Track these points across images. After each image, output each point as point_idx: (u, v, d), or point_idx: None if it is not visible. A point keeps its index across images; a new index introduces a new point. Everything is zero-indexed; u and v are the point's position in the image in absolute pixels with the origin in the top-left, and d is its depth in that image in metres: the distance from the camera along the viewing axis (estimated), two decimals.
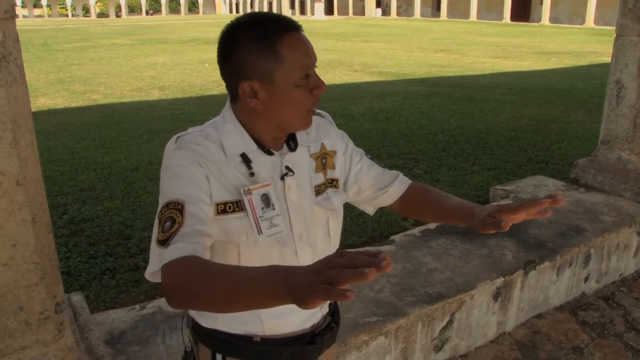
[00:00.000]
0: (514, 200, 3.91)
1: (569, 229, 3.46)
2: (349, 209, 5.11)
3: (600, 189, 4.11)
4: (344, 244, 4.03)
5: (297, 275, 0.86)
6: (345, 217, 4.88)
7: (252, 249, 1.26)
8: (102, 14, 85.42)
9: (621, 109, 4.01)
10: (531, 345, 3.00)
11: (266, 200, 1.25)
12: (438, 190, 1.52)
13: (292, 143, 1.33)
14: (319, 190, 1.38)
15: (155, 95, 11.38)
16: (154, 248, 1.15)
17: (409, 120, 8.65)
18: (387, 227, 4.43)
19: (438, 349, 2.74)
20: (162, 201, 1.20)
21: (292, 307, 1.26)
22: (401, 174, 1.55)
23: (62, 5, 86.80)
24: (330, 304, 1.49)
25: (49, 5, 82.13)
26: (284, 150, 1.32)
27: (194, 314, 1.37)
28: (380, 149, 6.85)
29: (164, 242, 1.12)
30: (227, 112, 1.29)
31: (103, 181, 5.58)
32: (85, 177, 5.72)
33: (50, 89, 12.12)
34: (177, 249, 1.09)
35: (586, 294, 3.50)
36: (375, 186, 1.50)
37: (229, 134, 1.26)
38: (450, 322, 2.72)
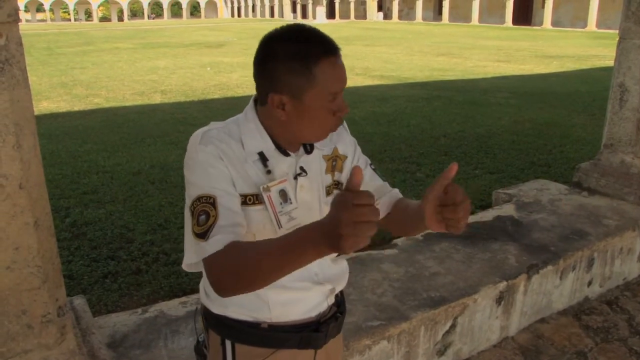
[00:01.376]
0: (517, 204, 3.91)
1: (572, 232, 3.45)
2: None
3: (603, 192, 4.09)
4: None
5: (327, 232, 0.96)
6: None
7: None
8: (105, 18, 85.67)
9: (624, 113, 4.00)
10: (534, 350, 2.98)
11: (284, 195, 1.31)
12: (405, 199, 1.56)
13: (308, 146, 1.38)
14: (328, 191, 1.43)
15: (157, 99, 11.39)
16: (191, 240, 1.22)
17: (410, 124, 8.64)
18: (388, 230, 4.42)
19: (441, 353, 2.73)
20: (192, 193, 1.24)
21: (298, 297, 1.38)
22: (397, 190, 1.56)
23: (64, 10, 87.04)
24: (336, 296, 1.51)
25: (51, 10, 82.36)
26: (300, 152, 1.36)
27: (205, 301, 1.42)
28: (382, 152, 6.84)
29: (203, 235, 1.19)
30: (250, 112, 1.33)
31: (105, 185, 5.58)
32: (87, 180, 5.72)
33: (52, 93, 12.14)
34: (219, 241, 1.17)
35: (590, 298, 3.49)
36: (383, 194, 1.53)
37: (249, 132, 1.30)
38: (453, 326, 2.71)
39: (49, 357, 1.70)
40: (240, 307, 1.36)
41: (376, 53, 22.18)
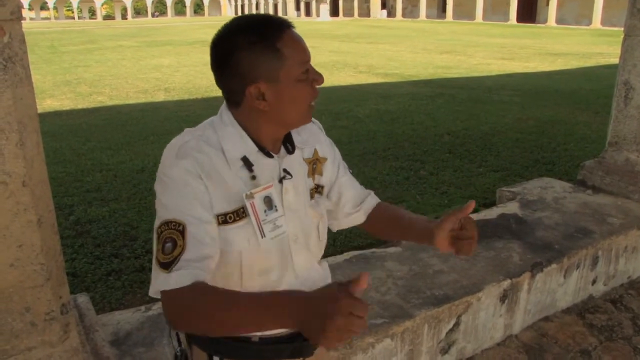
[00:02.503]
0: (521, 202, 3.89)
1: (577, 231, 3.43)
2: None
3: (607, 190, 4.08)
4: (350, 246, 4.02)
5: (307, 314, 0.95)
6: None
7: (254, 255, 1.27)
8: (108, 16, 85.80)
9: (629, 110, 3.98)
10: (538, 348, 2.98)
11: (269, 202, 1.26)
12: (401, 208, 1.60)
13: (289, 145, 1.34)
14: (311, 194, 1.40)
15: (160, 96, 11.40)
16: (155, 268, 1.16)
17: (414, 121, 8.63)
18: None
19: (444, 351, 2.72)
20: (161, 215, 1.19)
21: None
22: (372, 192, 1.60)
23: (68, 8, 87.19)
24: None
25: (55, 8, 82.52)
26: (282, 153, 1.33)
27: None
28: (386, 150, 6.83)
29: (166, 266, 1.14)
30: (226, 114, 1.28)
31: (109, 183, 5.59)
32: (91, 178, 5.73)
33: (56, 91, 12.16)
34: (182, 277, 1.12)
35: (594, 296, 3.47)
36: (353, 201, 1.53)
37: (229, 136, 1.25)
38: (456, 324, 2.70)
39: (52, 354, 1.70)
40: None
41: (380, 51, 22.15)
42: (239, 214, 1.23)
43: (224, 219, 1.22)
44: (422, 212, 4.75)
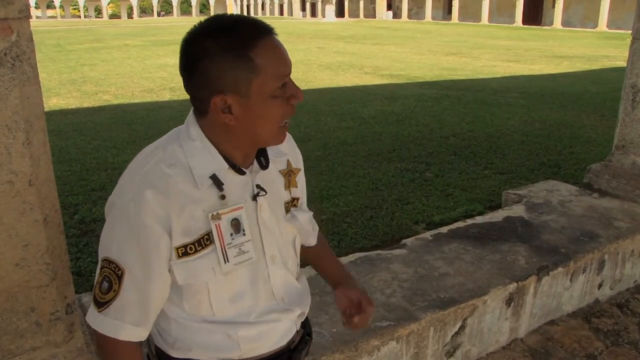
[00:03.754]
0: (527, 205, 3.88)
1: (583, 234, 3.42)
2: (359, 212, 5.06)
3: (614, 194, 4.05)
4: (355, 247, 4.01)
5: None
6: (356, 221, 4.84)
7: (221, 284, 1.20)
8: (114, 15, 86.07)
9: (637, 114, 3.96)
10: (544, 352, 2.96)
11: (236, 225, 1.18)
12: (327, 251, 1.63)
13: (263, 160, 1.24)
14: (287, 208, 1.33)
15: (166, 96, 11.41)
16: (92, 299, 1.19)
17: (420, 123, 8.61)
18: (398, 231, 4.41)
19: (450, 354, 2.71)
20: (105, 244, 1.16)
21: (268, 329, 1.30)
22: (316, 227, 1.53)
23: (74, 7, 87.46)
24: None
25: (61, 6, 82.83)
26: (254, 167, 1.23)
27: (162, 344, 1.30)
28: (391, 152, 6.82)
29: (99, 305, 1.16)
30: (193, 127, 1.18)
31: (114, 182, 5.47)
32: (96, 177, 5.74)
33: (62, 89, 12.19)
34: (114, 328, 1.16)
35: (600, 300, 3.45)
36: (310, 220, 1.45)
37: (196, 152, 1.15)
38: (462, 327, 2.69)
39: (57, 354, 1.70)
40: (206, 349, 1.25)
41: (385, 52, 22.13)
42: (201, 242, 1.15)
43: (185, 251, 1.14)
44: (428, 215, 4.75)
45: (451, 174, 5.95)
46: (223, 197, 1.16)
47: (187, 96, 1.20)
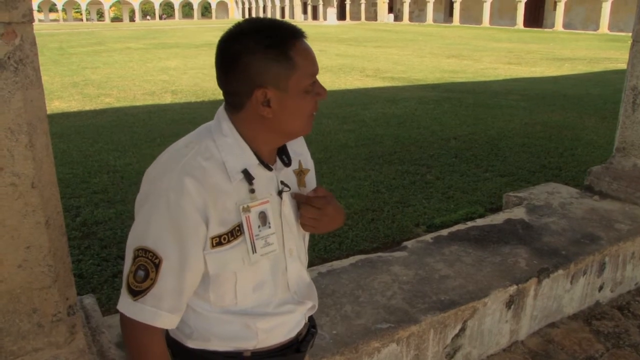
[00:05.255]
0: (528, 207, 3.88)
1: (584, 237, 3.42)
2: (360, 214, 5.05)
3: (615, 196, 4.06)
4: (356, 249, 4.02)
5: None
6: (357, 223, 4.84)
7: (247, 273, 1.27)
8: (116, 18, 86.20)
9: (637, 116, 3.96)
10: (544, 355, 2.96)
11: (263, 218, 1.25)
12: None
13: (285, 157, 1.33)
14: (298, 206, 1.38)
15: (167, 99, 11.44)
16: (125, 287, 1.21)
17: (421, 125, 8.62)
18: (399, 233, 4.41)
19: (450, 356, 2.72)
20: (140, 234, 1.19)
21: (283, 320, 1.35)
22: None
23: (77, 10, 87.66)
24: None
25: (64, 10, 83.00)
26: (278, 165, 1.31)
27: (178, 335, 1.34)
28: (392, 154, 6.83)
29: (134, 294, 1.18)
30: (225, 123, 1.24)
31: (116, 184, 5.61)
32: (98, 180, 5.75)
33: (64, 92, 12.22)
34: (144, 313, 1.19)
35: (600, 303, 3.46)
36: None
37: (229, 148, 1.22)
38: (462, 329, 2.70)
39: (58, 355, 1.71)
40: (224, 340, 1.31)
41: (387, 54, 22.16)
42: (234, 233, 1.22)
43: (219, 241, 1.20)
44: (428, 217, 4.75)
45: (452, 176, 5.96)
46: (252, 190, 1.23)
47: (188, 99, 1.23)
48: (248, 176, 1.22)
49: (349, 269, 2.92)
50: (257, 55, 1.15)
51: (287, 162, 1.33)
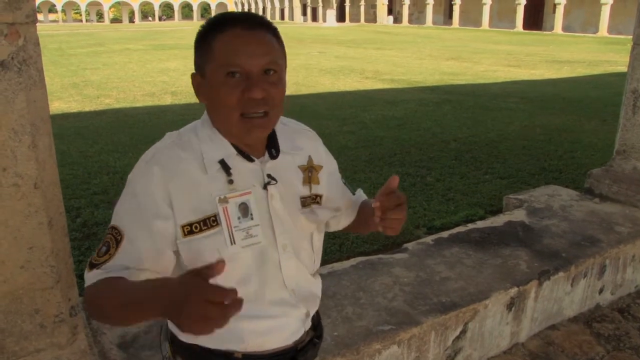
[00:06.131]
0: (528, 209, 3.88)
1: (584, 239, 3.42)
2: None
3: (615, 199, 4.06)
4: (356, 251, 4.01)
5: (169, 300, 0.92)
6: None
7: (227, 264, 1.18)
8: (116, 20, 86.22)
9: (637, 119, 3.97)
10: (544, 357, 2.96)
11: (244, 209, 1.21)
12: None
13: (273, 150, 1.28)
14: (304, 203, 1.34)
15: (167, 100, 11.43)
16: (87, 265, 1.22)
17: (420, 128, 8.62)
18: (400, 235, 4.40)
19: (451, 358, 2.72)
20: (113, 217, 1.22)
21: (276, 324, 1.30)
22: (360, 192, 1.59)
23: (76, 11, 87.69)
24: (313, 318, 1.44)
25: (63, 11, 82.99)
26: (265, 157, 1.27)
27: (173, 328, 1.33)
28: (392, 156, 6.83)
29: (91, 267, 1.19)
30: (205, 115, 1.27)
31: (116, 185, 5.60)
32: (98, 180, 5.75)
33: (64, 93, 12.22)
34: (95, 276, 1.17)
35: (601, 305, 3.46)
36: (347, 206, 1.52)
37: (207, 138, 1.23)
38: (463, 331, 2.70)
39: (60, 356, 1.71)
40: (210, 338, 1.23)
41: (386, 57, 22.18)
42: (207, 222, 1.19)
43: (190, 230, 1.18)
44: (429, 219, 4.75)
45: (452, 178, 5.96)
46: (231, 181, 1.21)
47: (188, 100, 1.25)
48: (225, 166, 1.20)
49: (350, 271, 2.92)
50: (195, 44, 1.21)
51: (274, 155, 1.28)
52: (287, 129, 1.36)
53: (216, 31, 1.16)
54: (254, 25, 1.16)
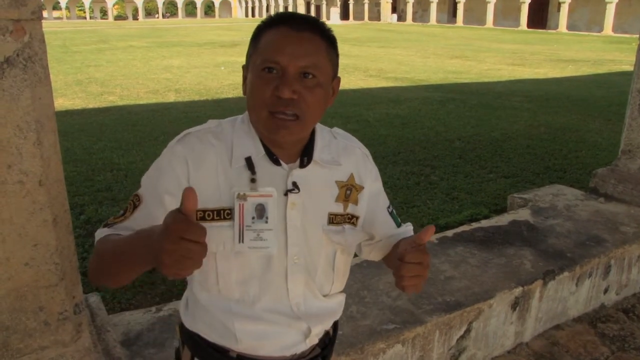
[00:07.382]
0: (532, 209, 3.87)
1: (589, 239, 3.41)
2: None
3: (620, 199, 4.05)
4: None
5: (153, 248, 0.94)
6: None
7: (231, 261, 1.21)
8: (120, 17, 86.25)
9: None
10: (549, 357, 2.95)
11: (261, 211, 1.17)
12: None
13: (305, 159, 1.24)
14: (333, 220, 1.28)
15: (171, 97, 11.44)
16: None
17: (425, 126, 8.61)
18: None
19: (455, 358, 2.71)
20: (141, 182, 1.27)
21: (271, 330, 1.28)
22: (409, 228, 1.48)
23: (80, 8, 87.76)
24: (325, 334, 1.38)
25: (67, 8, 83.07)
26: (295, 164, 1.24)
27: (182, 313, 1.35)
28: (396, 155, 6.82)
29: (105, 226, 1.24)
30: (247, 111, 1.25)
31: (119, 182, 5.61)
32: (101, 177, 5.75)
33: (68, 90, 12.23)
34: (100, 234, 1.22)
35: (606, 305, 3.44)
36: (389, 237, 1.41)
37: (242, 134, 1.23)
38: (467, 331, 2.69)
39: (64, 354, 1.70)
40: (208, 326, 1.28)
41: (390, 55, 22.14)
42: (220, 213, 1.18)
43: (202, 216, 1.17)
44: (433, 218, 4.74)
45: (456, 177, 5.95)
46: (254, 180, 1.19)
47: (191, 98, 1.25)
48: (250, 164, 1.19)
49: (354, 270, 2.91)
50: (251, 38, 1.23)
51: (304, 164, 1.24)
52: (336, 142, 1.33)
53: (268, 27, 1.18)
54: (304, 26, 1.15)
